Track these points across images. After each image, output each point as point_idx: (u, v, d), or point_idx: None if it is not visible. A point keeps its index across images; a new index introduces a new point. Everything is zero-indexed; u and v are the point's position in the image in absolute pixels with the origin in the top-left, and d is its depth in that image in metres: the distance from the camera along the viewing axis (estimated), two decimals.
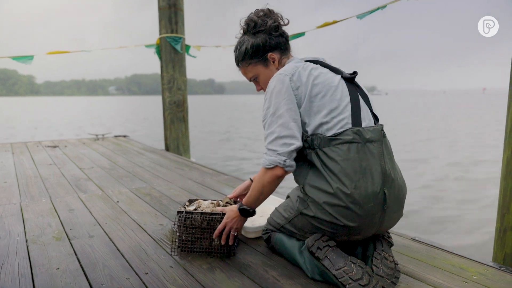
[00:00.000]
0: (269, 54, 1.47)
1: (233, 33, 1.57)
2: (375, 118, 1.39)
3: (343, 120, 1.28)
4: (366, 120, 1.32)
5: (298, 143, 1.30)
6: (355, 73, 1.39)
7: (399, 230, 1.87)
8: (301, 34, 4.24)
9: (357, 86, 1.40)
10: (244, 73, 1.55)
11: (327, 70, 1.38)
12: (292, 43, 1.55)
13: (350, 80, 1.38)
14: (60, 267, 1.45)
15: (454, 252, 1.60)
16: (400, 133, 14.59)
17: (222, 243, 1.51)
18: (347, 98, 1.32)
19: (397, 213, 1.34)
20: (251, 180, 1.78)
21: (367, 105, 1.37)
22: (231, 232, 1.49)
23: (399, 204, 1.33)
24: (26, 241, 1.71)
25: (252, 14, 1.49)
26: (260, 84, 1.54)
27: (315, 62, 1.42)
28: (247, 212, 1.45)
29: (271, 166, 1.31)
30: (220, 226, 1.49)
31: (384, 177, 1.26)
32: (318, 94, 1.31)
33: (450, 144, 11.35)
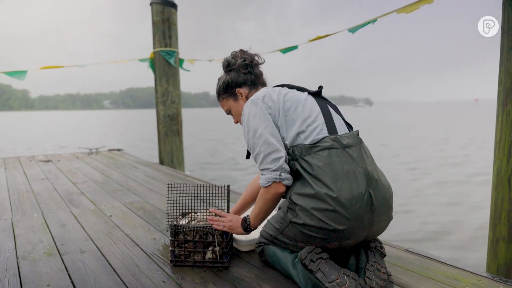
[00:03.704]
0: (237, 89, 1.60)
1: (228, 46, 1.71)
2: (349, 126, 1.49)
3: (318, 127, 1.36)
4: (340, 127, 1.41)
5: (284, 154, 1.36)
6: (320, 87, 1.51)
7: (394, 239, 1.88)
8: (294, 47, 4.30)
9: (325, 99, 1.52)
10: (222, 106, 1.69)
11: (294, 89, 1.51)
12: (286, 56, 1.66)
13: (317, 95, 1.50)
14: (50, 284, 1.43)
15: (448, 263, 1.60)
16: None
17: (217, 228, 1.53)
18: (317, 108, 1.43)
19: (386, 214, 1.36)
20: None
21: (338, 114, 1.47)
22: (219, 228, 1.54)
23: (387, 205, 1.35)
24: (17, 257, 1.69)
25: (229, 55, 1.64)
26: (233, 116, 1.66)
27: (282, 86, 1.55)
28: (249, 231, 1.53)
29: (269, 183, 1.35)
30: (225, 224, 1.53)
31: (368, 178, 1.30)
32: (290, 108, 1.41)
33: None
